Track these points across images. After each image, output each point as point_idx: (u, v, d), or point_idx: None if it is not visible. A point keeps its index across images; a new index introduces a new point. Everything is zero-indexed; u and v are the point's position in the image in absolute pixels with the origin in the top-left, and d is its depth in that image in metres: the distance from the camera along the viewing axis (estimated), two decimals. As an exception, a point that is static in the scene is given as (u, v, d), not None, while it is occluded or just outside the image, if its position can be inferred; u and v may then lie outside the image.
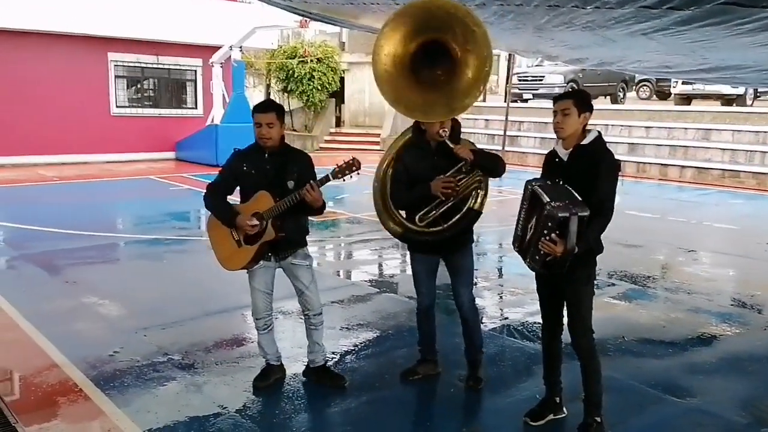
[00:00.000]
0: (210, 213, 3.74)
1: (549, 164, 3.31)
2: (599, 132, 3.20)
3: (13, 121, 14.42)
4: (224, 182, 3.71)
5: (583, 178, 3.06)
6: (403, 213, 3.74)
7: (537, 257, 3.07)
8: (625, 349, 4.62)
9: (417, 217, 3.60)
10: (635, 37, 4.17)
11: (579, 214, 2.94)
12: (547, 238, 2.98)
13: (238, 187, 3.73)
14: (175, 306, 5.39)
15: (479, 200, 3.57)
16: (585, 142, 3.14)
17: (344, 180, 3.57)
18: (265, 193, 3.53)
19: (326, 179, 3.49)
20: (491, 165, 3.57)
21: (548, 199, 2.98)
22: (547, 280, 3.29)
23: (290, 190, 3.52)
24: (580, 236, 2.96)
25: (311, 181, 3.45)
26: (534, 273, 3.31)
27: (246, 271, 3.75)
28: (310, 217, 3.83)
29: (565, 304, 3.28)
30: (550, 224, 2.96)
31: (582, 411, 3.30)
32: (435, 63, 3.46)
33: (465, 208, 3.57)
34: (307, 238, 3.84)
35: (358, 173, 3.51)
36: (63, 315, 5.10)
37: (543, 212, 2.99)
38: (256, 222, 3.52)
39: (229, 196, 3.73)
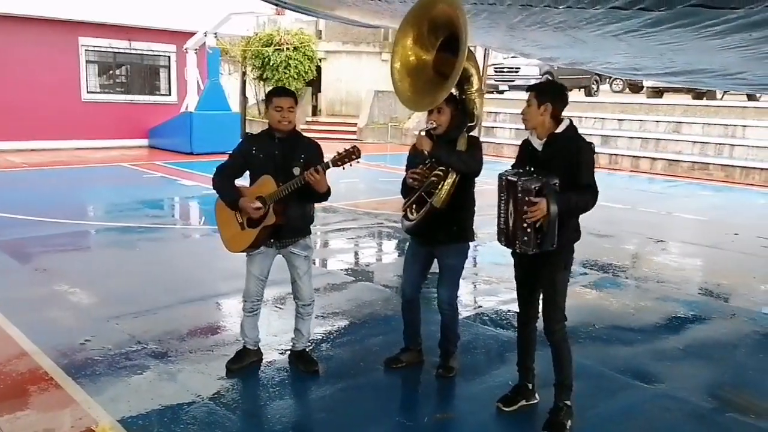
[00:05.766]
0: (217, 194, 3.75)
1: (523, 153, 3.36)
2: (571, 120, 3.25)
3: (-20, 106, 14.07)
4: (233, 165, 3.71)
5: (559, 166, 3.11)
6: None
7: (526, 238, 3.07)
8: (596, 337, 4.71)
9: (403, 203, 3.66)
10: (605, 38, 4.21)
11: (550, 182, 3.02)
12: (529, 209, 3.01)
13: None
14: (148, 294, 5.33)
15: (440, 196, 3.46)
16: (558, 131, 3.20)
17: (344, 168, 3.53)
18: (268, 177, 3.55)
19: (326, 166, 3.47)
20: (447, 159, 3.46)
21: (517, 179, 3.06)
22: (524, 264, 3.33)
23: (295, 176, 3.51)
24: (559, 200, 3.01)
25: (314, 166, 3.44)
26: (512, 259, 3.34)
27: (245, 254, 3.76)
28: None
29: (540, 289, 3.32)
30: (527, 198, 3.00)
31: (553, 396, 3.35)
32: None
33: (429, 203, 3.52)
34: None
35: (358, 161, 3.46)
36: (33, 303, 5.01)
37: (517, 192, 3.04)
38: (259, 204, 3.53)
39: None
